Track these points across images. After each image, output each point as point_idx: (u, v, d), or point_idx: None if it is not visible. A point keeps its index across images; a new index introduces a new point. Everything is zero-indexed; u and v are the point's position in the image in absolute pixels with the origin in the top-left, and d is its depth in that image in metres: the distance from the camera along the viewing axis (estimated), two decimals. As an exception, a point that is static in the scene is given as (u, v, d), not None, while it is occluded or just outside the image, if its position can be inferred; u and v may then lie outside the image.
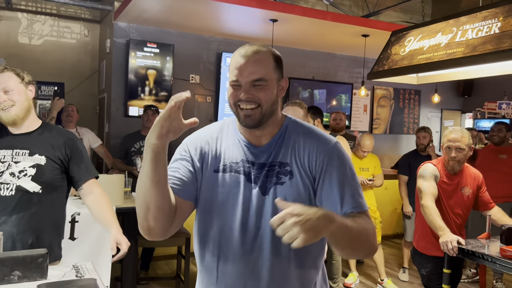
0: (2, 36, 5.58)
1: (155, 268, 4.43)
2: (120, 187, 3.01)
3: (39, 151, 1.85)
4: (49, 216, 1.87)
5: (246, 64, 1.18)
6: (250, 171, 1.20)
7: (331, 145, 1.22)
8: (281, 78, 1.26)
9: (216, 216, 1.21)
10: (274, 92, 1.21)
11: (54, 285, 1.31)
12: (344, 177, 1.19)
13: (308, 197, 1.19)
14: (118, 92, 5.39)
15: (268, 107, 1.19)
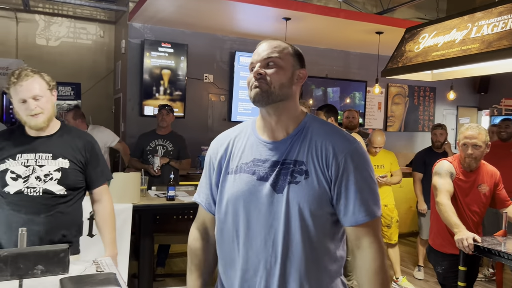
0: (20, 38, 5.70)
1: (171, 265, 4.49)
2: (137, 185, 3.06)
3: (62, 154, 1.88)
4: (72, 215, 1.94)
5: (263, 46, 1.25)
6: (261, 170, 1.21)
7: (351, 146, 1.19)
8: (299, 67, 1.25)
9: (230, 217, 1.24)
10: (287, 75, 1.21)
11: (75, 279, 1.35)
12: (360, 181, 1.17)
13: (324, 198, 1.17)
14: (133, 92, 5.47)
15: (276, 87, 1.20)
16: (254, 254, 1.19)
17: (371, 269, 1.16)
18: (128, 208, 2.94)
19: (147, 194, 3.39)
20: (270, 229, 1.18)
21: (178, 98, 5.62)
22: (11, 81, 1.82)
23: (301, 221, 1.16)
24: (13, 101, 1.85)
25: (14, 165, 1.83)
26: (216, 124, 5.95)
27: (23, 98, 1.80)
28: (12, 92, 1.83)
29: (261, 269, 1.19)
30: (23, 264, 1.41)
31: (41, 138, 1.89)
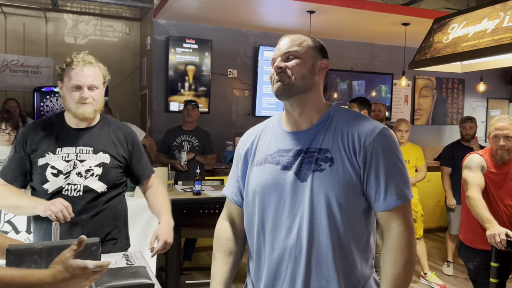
0: (50, 37, 5.84)
1: (198, 259, 4.54)
2: (164, 180, 3.10)
3: (102, 148, 1.79)
4: (115, 212, 1.87)
5: (283, 41, 1.27)
6: (285, 159, 1.22)
7: (377, 130, 1.18)
8: (320, 58, 1.26)
9: (256, 208, 1.26)
10: (307, 67, 1.22)
11: (107, 271, 1.38)
12: (390, 164, 1.16)
13: (351, 185, 1.16)
14: (159, 88, 5.54)
15: (297, 79, 1.21)
16: (279, 244, 1.20)
17: (395, 247, 1.16)
18: (156, 203, 2.99)
19: (174, 189, 3.44)
20: (294, 218, 1.18)
21: (203, 94, 5.66)
22: (70, 62, 1.72)
23: (327, 209, 1.15)
24: (63, 84, 1.75)
25: (54, 159, 1.74)
26: (240, 119, 5.97)
27: (78, 84, 1.70)
28: (68, 74, 1.71)
29: (287, 259, 1.19)
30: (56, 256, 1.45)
31: (81, 130, 1.79)
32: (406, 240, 1.16)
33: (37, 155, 1.75)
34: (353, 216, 1.18)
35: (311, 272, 1.18)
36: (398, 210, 1.16)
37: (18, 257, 1.34)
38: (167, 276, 3.25)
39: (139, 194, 2.99)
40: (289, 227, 1.19)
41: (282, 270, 1.20)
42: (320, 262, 1.17)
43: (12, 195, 1.74)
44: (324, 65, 1.27)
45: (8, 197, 1.73)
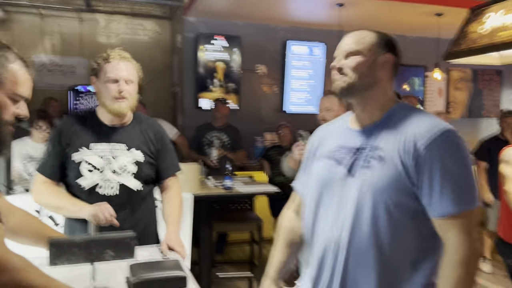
0: (83, 37, 6.01)
1: (229, 252, 4.60)
2: (197, 176, 3.15)
3: (135, 146, 1.80)
4: (149, 208, 1.90)
5: (344, 39, 1.29)
6: (340, 155, 1.25)
7: (436, 131, 1.11)
8: (384, 52, 1.23)
9: (312, 202, 1.30)
10: (366, 64, 1.21)
11: (143, 264, 1.42)
12: (448, 168, 1.08)
13: (400, 186, 1.11)
14: (189, 86, 5.60)
15: (355, 78, 1.20)
16: (324, 237, 1.23)
17: (450, 261, 1.08)
18: (189, 198, 3.04)
19: (206, 184, 3.48)
20: (339, 214, 1.19)
21: (232, 90, 5.68)
22: (105, 57, 1.73)
23: (372, 209, 1.13)
24: (98, 79, 1.75)
25: (89, 155, 1.75)
26: (270, 115, 5.97)
27: (116, 78, 1.71)
28: (104, 68, 1.72)
29: (329, 253, 1.21)
30: (95, 249, 1.50)
31: (116, 127, 1.80)
32: (462, 254, 1.07)
33: (71, 149, 1.76)
34: (399, 218, 1.13)
35: (347, 272, 1.17)
36: (454, 219, 1.08)
37: (59, 249, 1.40)
38: (200, 269, 3.31)
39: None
40: (334, 222, 1.20)
41: (325, 263, 1.22)
42: (358, 262, 1.16)
43: (55, 195, 1.76)
44: (388, 59, 1.23)
45: (51, 197, 1.76)
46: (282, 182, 4.15)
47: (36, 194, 1.80)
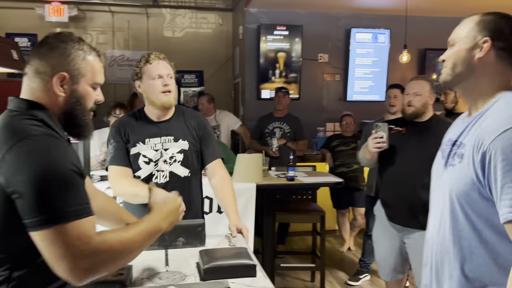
0: (150, 32, 6.26)
1: (291, 243, 4.62)
2: (259, 166, 3.19)
3: (181, 136, 1.97)
4: (196, 195, 2.05)
5: None
6: (443, 149, 1.25)
7: (503, 129, 1.00)
8: (481, 37, 1.13)
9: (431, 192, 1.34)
10: (459, 54, 1.15)
11: (212, 251, 1.47)
12: (507, 171, 0.97)
13: (470, 187, 1.05)
14: (250, 76, 5.66)
15: (449, 70, 1.17)
16: (429, 227, 1.28)
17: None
18: (252, 188, 3.09)
19: (268, 175, 3.52)
20: (437, 209, 1.22)
21: (293, 80, 5.67)
22: (147, 60, 1.92)
23: (451, 206, 1.12)
24: (143, 80, 1.92)
25: (145, 149, 1.94)
26: (331, 105, 5.89)
27: (160, 74, 1.89)
28: (147, 70, 1.90)
29: (429, 245, 1.26)
30: (168, 236, 1.58)
31: (162, 122, 1.98)
32: None
33: (129, 145, 1.96)
34: (476, 220, 1.07)
35: (437, 264, 1.18)
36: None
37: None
38: (263, 259, 3.36)
39: (237, 179, 3.13)
40: (435, 216, 1.23)
41: (427, 254, 1.27)
42: (443, 259, 1.17)
43: (131, 184, 1.90)
44: (482, 44, 1.12)
45: (127, 186, 1.90)
46: (344, 173, 4.09)
47: (114, 186, 1.96)
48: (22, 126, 1.06)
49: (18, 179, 0.97)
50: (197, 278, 1.34)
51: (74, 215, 0.99)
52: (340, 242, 4.54)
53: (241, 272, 1.34)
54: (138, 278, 1.30)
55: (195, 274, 1.36)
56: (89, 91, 1.19)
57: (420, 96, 2.29)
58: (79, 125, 1.18)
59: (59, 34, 1.17)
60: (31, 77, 1.14)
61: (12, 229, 1.01)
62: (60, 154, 1.03)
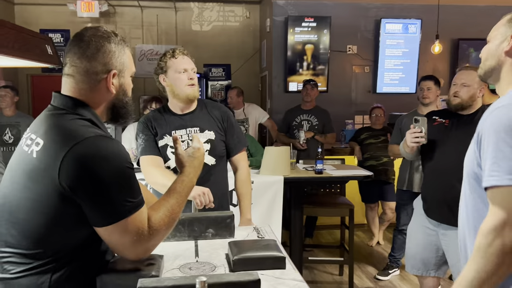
0: (179, 26, 6.32)
1: (319, 236, 4.60)
2: (287, 159, 3.17)
3: (207, 127, 2.04)
4: (222, 183, 2.12)
5: None
6: None
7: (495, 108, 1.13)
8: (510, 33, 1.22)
9: None
10: (491, 49, 1.25)
11: (241, 243, 1.48)
12: (489, 144, 1.09)
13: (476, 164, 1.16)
14: (278, 69, 5.64)
15: (483, 63, 1.26)
16: None
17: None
18: (280, 180, 3.08)
19: (296, 167, 3.50)
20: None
21: (321, 72, 5.61)
22: (172, 54, 1.99)
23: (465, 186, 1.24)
24: (169, 74, 2.00)
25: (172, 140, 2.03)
26: (360, 97, 5.80)
27: (185, 68, 1.98)
28: (173, 64, 1.98)
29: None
30: (197, 227, 1.60)
31: (186, 115, 2.05)
32: (485, 228, 1.06)
33: (158, 138, 2.04)
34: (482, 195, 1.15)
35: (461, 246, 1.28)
36: (491, 193, 1.08)
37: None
38: (291, 252, 3.36)
39: (265, 171, 3.13)
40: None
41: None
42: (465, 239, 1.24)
43: (162, 174, 1.95)
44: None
45: (159, 176, 1.96)
46: (373, 166, 4.03)
47: (146, 175, 2.03)
48: (75, 127, 1.09)
49: (82, 182, 1.03)
50: (226, 269, 1.34)
51: (134, 208, 1.09)
52: (369, 236, 4.49)
53: (271, 264, 1.33)
54: (168, 268, 1.32)
55: (225, 265, 1.37)
56: (130, 81, 1.26)
57: (468, 88, 2.19)
58: (125, 113, 1.25)
59: (95, 30, 1.19)
60: (80, 78, 1.16)
61: (67, 227, 1.07)
62: (116, 153, 1.08)
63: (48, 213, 1.05)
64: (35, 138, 1.10)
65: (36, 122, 1.17)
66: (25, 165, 1.09)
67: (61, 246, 1.08)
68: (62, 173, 1.03)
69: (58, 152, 1.04)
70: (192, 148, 1.35)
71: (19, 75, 6.18)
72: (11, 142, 4.25)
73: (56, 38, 5.94)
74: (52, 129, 1.09)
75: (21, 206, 1.07)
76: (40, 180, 1.05)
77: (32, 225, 1.07)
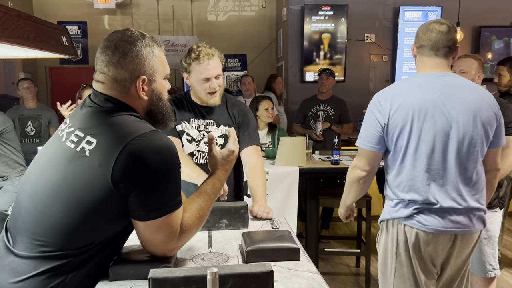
0: (194, 16, 6.30)
1: (335, 228, 4.57)
2: (302, 149, 3.15)
3: (223, 122, 2.04)
4: (237, 176, 2.12)
5: None
6: None
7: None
8: None
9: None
10: None
11: (255, 233, 1.46)
12: None
13: None
14: (294, 59, 5.58)
15: None
16: None
17: None
18: (295, 171, 3.06)
19: (312, 158, 3.47)
20: None
21: (338, 62, 5.53)
22: (196, 58, 1.91)
23: None
24: (192, 76, 1.96)
25: (189, 128, 2.03)
26: (378, 87, 5.69)
27: (208, 77, 1.92)
28: (195, 69, 1.92)
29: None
30: (211, 218, 1.58)
31: (205, 107, 2.04)
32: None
33: (176, 123, 2.00)
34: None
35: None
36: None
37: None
38: (306, 243, 3.34)
39: (280, 162, 3.10)
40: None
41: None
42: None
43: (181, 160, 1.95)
44: None
45: None
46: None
47: None
48: (128, 123, 1.09)
49: (135, 174, 1.04)
50: (240, 260, 1.33)
51: (175, 206, 1.10)
52: (386, 228, 4.42)
53: (285, 255, 1.31)
54: (182, 258, 1.31)
55: (238, 256, 1.36)
56: (164, 84, 1.22)
57: (466, 74, 2.26)
58: (164, 117, 1.22)
59: (122, 34, 1.15)
60: (110, 84, 1.13)
61: (107, 221, 1.08)
62: (169, 149, 1.09)
63: (88, 208, 1.05)
64: (83, 136, 1.08)
65: (79, 118, 1.14)
66: (74, 163, 1.07)
67: (87, 243, 1.07)
68: (116, 168, 1.03)
69: (115, 148, 1.04)
70: (227, 151, 1.32)
71: (38, 67, 6.26)
72: (33, 135, 4.33)
73: (73, 30, 5.99)
74: (104, 127, 1.08)
75: (56, 201, 1.06)
76: (92, 178, 1.04)
77: (65, 221, 1.05)
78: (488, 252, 2.31)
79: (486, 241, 2.29)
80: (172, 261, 1.17)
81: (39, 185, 1.11)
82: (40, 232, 1.07)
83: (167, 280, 0.96)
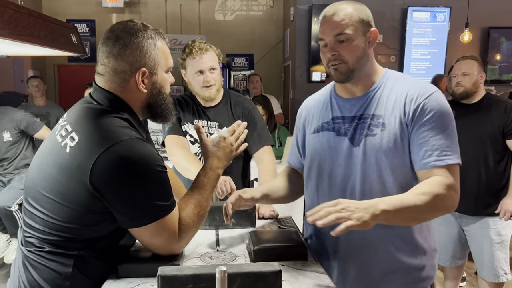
0: (202, 15, 6.31)
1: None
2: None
3: (226, 123, 2.02)
4: (244, 177, 2.11)
5: None
6: (340, 126, 1.30)
7: (427, 93, 1.20)
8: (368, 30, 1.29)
9: (313, 172, 1.38)
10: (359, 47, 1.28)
11: (262, 233, 1.47)
12: (432, 128, 1.17)
13: (400, 148, 1.20)
14: (301, 59, 5.57)
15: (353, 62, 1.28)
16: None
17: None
18: (301, 171, 3.06)
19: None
20: (348, 180, 1.27)
21: (345, 62, 5.51)
22: (189, 52, 1.94)
23: (378, 172, 1.21)
24: (187, 72, 1.99)
25: (192, 129, 2.03)
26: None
27: (201, 69, 1.93)
28: (190, 63, 1.95)
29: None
30: (218, 216, 1.59)
31: (209, 108, 2.05)
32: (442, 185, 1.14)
33: (181, 123, 2.05)
34: (406, 178, 1.21)
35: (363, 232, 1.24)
36: (438, 171, 1.16)
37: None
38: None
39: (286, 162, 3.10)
40: (343, 190, 1.27)
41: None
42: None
43: (185, 158, 1.95)
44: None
45: (182, 159, 1.96)
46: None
47: (171, 156, 2.03)
48: (112, 128, 1.06)
49: (112, 184, 1.02)
50: (247, 259, 1.33)
51: (165, 211, 1.08)
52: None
53: (292, 255, 1.32)
54: (189, 256, 1.32)
55: (245, 255, 1.36)
56: (166, 77, 1.19)
57: (469, 76, 2.27)
58: (163, 111, 1.20)
59: (124, 26, 1.14)
60: (110, 77, 1.13)
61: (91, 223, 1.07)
62: (149, 157, 1.06)
63: (76, 209, 1.05)
64: (70, 131, 1.08)
65: (74, 112, 1.14)
66: (57, 158, 1.08)
67: (83, 238, 1.08)
68: (94, 173, 1.01)
69: (93, 152, 1.02)
70: (218, 137, 1.30)
71: (46, 65, 6.30)
72: (42, 132, 4.34)
73: (82, 28, 6.02)
74: (89, 127, 1.07)
75: (48, 195, 1.07)
76: (72, 176, 1.04)
77: (56, 216, 1.07)
78: (500, 257, 2.29)
79: (499, 245, 2.28)
80: (180, 259, 1.18)
81: (34, 179, 1.13)
82: (34, 226, 1.10)
83: (176, 278, 0.96)
